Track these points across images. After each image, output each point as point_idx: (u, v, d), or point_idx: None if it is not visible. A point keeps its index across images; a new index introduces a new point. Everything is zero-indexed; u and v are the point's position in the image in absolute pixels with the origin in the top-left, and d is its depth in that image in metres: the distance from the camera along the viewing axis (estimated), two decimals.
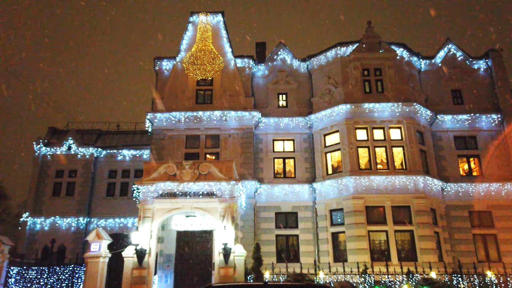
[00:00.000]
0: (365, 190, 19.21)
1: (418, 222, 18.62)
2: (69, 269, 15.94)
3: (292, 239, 20.61)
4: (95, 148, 26.47)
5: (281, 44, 24.30)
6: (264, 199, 20.91)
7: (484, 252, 20.04)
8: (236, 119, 21.46)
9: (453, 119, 22.08)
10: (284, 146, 22.37)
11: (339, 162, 20.79)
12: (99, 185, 26.07)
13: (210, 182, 16.59)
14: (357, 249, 18.25)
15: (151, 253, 15.90)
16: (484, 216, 20.65)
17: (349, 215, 19.04)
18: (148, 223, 16.19)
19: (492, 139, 21.98)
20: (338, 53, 22.25)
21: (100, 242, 15.82)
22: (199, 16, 23.64)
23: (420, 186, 19.22)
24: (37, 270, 15.96)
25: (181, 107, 21.80)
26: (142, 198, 16.59)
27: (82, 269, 15.92)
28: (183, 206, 16.65)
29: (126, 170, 26.45)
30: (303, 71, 23.66)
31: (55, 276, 15.78)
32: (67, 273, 15.84)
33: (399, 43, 22.52)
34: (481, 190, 20.78)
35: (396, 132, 20.64)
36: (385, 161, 20.16)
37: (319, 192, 20.69)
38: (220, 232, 15.86)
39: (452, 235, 20.11)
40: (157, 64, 23.38)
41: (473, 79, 23.24)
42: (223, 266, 15.37)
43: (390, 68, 21.53)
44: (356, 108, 20.60)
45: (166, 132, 21.54)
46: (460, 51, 23.85)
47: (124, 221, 25.03)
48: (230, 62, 22.87)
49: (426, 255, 17.89)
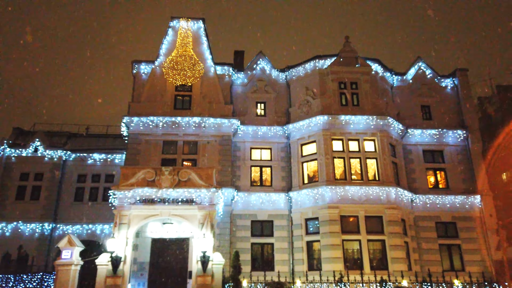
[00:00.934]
0: (340, 200, 19.68)
1: (389, 232, 19.26)
2: (38, 277, 15.19)
3: (267, 247, 20.68)
4: (64, 151, 25.46)
5: (261, 54, 24.59)
6: (241, 207, 20.90)
7: (449, 262, 20.99)
8: (215, 126, 21.40)
9: (422, 134, 23.14)
10: (261, 155, 22.53)
11: (315, 171, 21.19)
12: (66, 190, 25.03)
13: (190, 189, 16.41)
14: (331, 257, 18.59)
15: (127, 261, 15.46)
16: (449, 227, 21.69)
17: (324, 224, 19.39)
18: (124, 230, 15.75)
19: (458, 154, 23.21)
20: (317, 65, 22.81)
21: (72, 249, 15.21)
22: (180, 22, 23.52)
23: (392, 197, 19.93)
24: (1, 278, 15.06)
25: (159, 112, 21.48)
26: (118, 204, 16.14)
27: (51, 277, 15.21)
28: (161, 213, 16.35)
29: (97, 175, 25.60)
30: (281, 81, 24.03)
31: (22, 285, 14.97)
32: (35, 282, 15.09)
33: (374, 58, 23.42)
34: (447, 202, 21.82)
35: (370, 144, 21.34)
36: (359, 172, 20.77)
37: (295, 201, 20.96)
38: (199, 240, 15.69)
39: (420, 244, 20.95)
40: (135, 68, 22.96)
41: (441, 96, 24.52)
42: (201, 275, 15.19)
43: (365, 83, 22.31)
44: (333, 120, 21.14)
45: (143, 137, 21.12)
46: (429, 69, 25.11)
47: (93, 227, 24.14)
48: (210, 69, 22.86)
49: (397, 264, 18.52)
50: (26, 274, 15.24)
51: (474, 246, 21.12)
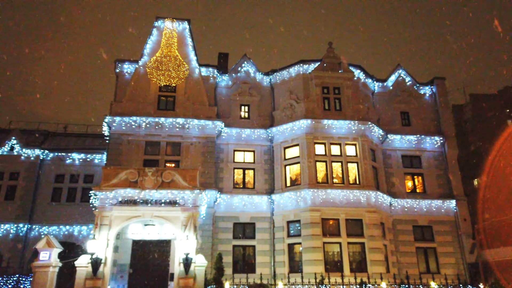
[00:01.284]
0: (322, 203, 19.95)
1: (369, 235, 19.66)
2: (14, 279, 14.72)
3: (249, 249, 20.74)
4: (42, 150, 24.79)
5: (245, 57, 24.70)
6: (223, 209, 20.89)
7: (425, 264, 21.58)
8: (199, 128, 21.34)
9: (402, 139, 23.76)
10: (244, 157, 22.60)
11: (297, 175, 21.42)
12: (43, 190, 24.34)
13: (174, 190, 16.31)
14: (312, 260, 18.81)
15: (107, 263, 15.21)
16: (426, 231, 22.31)
17: (306, 227, 19.62)
18: (105, 231, 15.49)
19: (435, 160, 23.93)
20: (301, 70, 23.10)
21: (51, 251, 14.85)
22: (165, 22, 23.35)
23: (372, 201, 20.36)
24: None
25: (142, 112, 21.25)
26: (100, 205, 15.86)
27: (28, 279, 14.78)
28: (144, 214, 16.18)
29: (75, 175, 25.01)
30: (265, 84, 24.20)
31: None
32: (11, 284, 14.61)
33: (357, 65, 23.92)
34: (423, 206, 22.45)
35: (351, 149, 21.75)
36: (340, 176, 21.13)
37: (277, 203, 21.12)
38: (182, 242, 15.60)
39: (398, 247, 21.46)
40: (118, 67, 22.64)
41: (420, 103, 25.25)
42: (183, 277, 15.10)
43: (348, 88, 22.75)
44: (316, 124, 21.44)
45: (125, 137, 20.83)
46: (409, 76, 25.83)
47: (70, 228, 23.55)
48: (195, 70, 22.79)
49: (376, 267, 18.91)
50: (1, 276, 14.74)
51: (449, 250, 21.80)
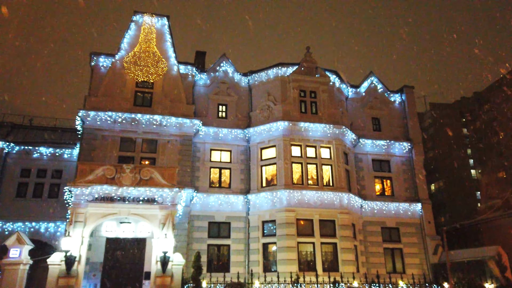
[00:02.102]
0: (297, 203, 20.38)
1: (341, 235, 20.31)
2: None
3: (223, 248, 20.82)
4: (7, 143, 23.63)
5: (224, 56, 24.75)
6: (199, 208, 20.85)
7: (392, 264, 22.55)
8: (176, 126, 21.17)
9: (372, 144, 24.68)
10: (221, 157, 22.65)
11: (273, 175, 21.74)
12: (8, 184, 23.21)
13: (152, 188, 16.13)
14: (287, 259, 19.17)
15: (81, 261, 14.83)
16: (393, 232, 23.32)
17: (281, 227, 19.97)
18: (79, 228, 15.08)
19: (403, 164, 25.05)
20: (279, 72, 23.47)
21: (21, 248, 14.31)
22: (144, 17, 22.98)
23: (344, 203, 21.04)
24: None
25: (117, 108, 20.79)
26: (74, 201, 15.42)
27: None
28: (120, 211, 15.89)
29: (43, 170, 24.02)
30: (243, 85, 24.36)
31: None
32: None
33: (333, 70, 24.61)
34: (391, 209, 23.46)
35: (326, 152, 22.36)
36: (315, 178, 21.67)
37: (253, 203, 21.33)
38: (159, 240, 15.48)
39: (367, 248, 22.28)
40: (93, 60, 22.02)
41: (390, 110, 26.34)
42: (161, 275, 14.99)
43: (324, 92, 23.36)
44: (293, 126, 21.86)
45: (99, 132, 20.29)
46: (380, 83, 26.88)
47: (37, 225, 22.61)
48: (173, 67, 22.58)
49: (347, 266, 19.56)
50: None
51: (414, 250, 22.90)
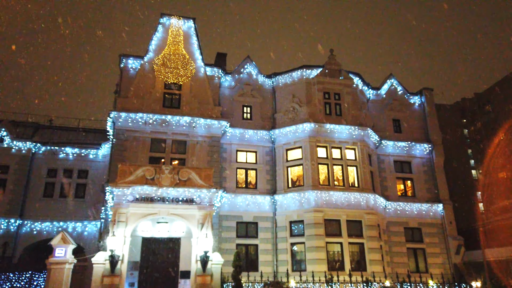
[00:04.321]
0: (325, 204, 20.70)
1: (368, 235, 20.63)
2: (26, 276, 14.28)
3: (251, 248, 21.11)
4: (34, 143, 23.90)
5: (248, 58, 25.04)
6: (227, 208, 21.14)
7: (415, 264, 22.92)
8: (205, 127, 21.45)
9: (394, 145, 25.02)
10: (247, 157, 22.94)
11: (299, 176, 22.05)
12: (35, 184, 23.52)
13: (191, 188, 16.42)
14: (316, 259, 19.49)
15: (124, 260, 15.10)
16: (416, 232, 23.67)
17: (309, 227, 20.28)
18: (122, 228, 15.37)
19: (423, 166, 25.40)
20: (304, 75, 23.77)
21: (66, 247, 14.55)
22: (171, 19, 23.25)
23: (371, 203, 21.37)
24: None
25: (147, 109, 21.07)
26: (116, 201, 15.70)
27: (41, 276, 14.39)
28: (160, 212, 16.18)
29: (69, 170, 24.34)
30: (267, 87, 24.66)
31: (8, 284, 13.99)
32: (24, 281, 14.17)
33: (356, 72, 24.93)
34: (414, 209, 23.80)
35: (351, 153, 22.68)
36: (340, 178, 21.98)
37: (280, 203, 21.64)
38: (199, 240, 15.78)
39: (391, 248, 22.63)
40: (122, 62, 22.27)
41: (410, 112, 26.68)
42: (201, 274, 15.29)
43: (348, 94, 23.68)
44: (319, 128, 22.18)
45: (130, 133, 20.57)
46: (400, 86, 27.22)
47: (64, 225, 22.93)
48: (200, 69, 22.87)
49: (374, 266, 19.90)
50: (13, 273, 14.25)
51: (437, 250, 23.26)
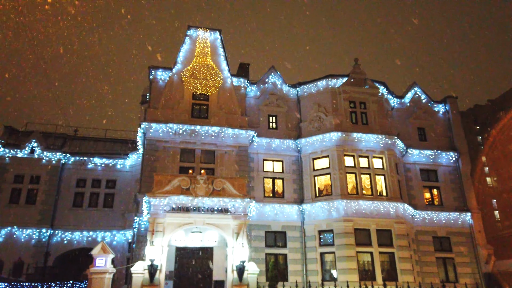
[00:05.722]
0: (354, 213, 20.65)
1: (398, 245, 20.49)
2: (68, 285, 14.50)
3: (280, 258, 21.09)
4: (63, 154, 24.39)
5: (273, 69, 25.29)
6: (255, 218, 21.16)
7: (444, 274, 22.64)
8: (233, 137, 21.66)
9: (420, 154, 24.91)
10: (273, 167, 23.05)
11: (326, 185, 22.07)
12: (65, 194, 24.00)
13: (225, 198, 16.57)
14: (347, 269, 19.42)
15: (162, 270, 15.25)
16: (444, 242, 23.43)
17: (339, 236, 20.23)
18: (159, 238, 15.55)
19: (450, 174, 25.21)
20: (329, 84, 23.92)
21: (106, 257, 14.73)
22: (197, 31, 23.66)
23: (400, 212, 21.27)
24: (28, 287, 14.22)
25: (177, 120, 21.37)
26: (153, 211, 15.91)
27: (82, 285, 14.60)
28: (195, 221, 16.34)
29: (97, 180, 24.78)
30: (292, 96, 24.84)
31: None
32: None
33: (380, 81, 24.99)
34: (442, 218, 23.59)
35: (378, 162, 22.65)
36: (368, 187, 21.94)
37: (308, 213, 21.65)
38: (234, 249, 15.87)
39: (420, 257, 22.41)
40: (151, 73, 22.69)
41: (434, 120, 26.58)
42: (238, 284, 15.34)
43: (373, 103, 23.74)
44: (346, 137, 22.23)
45: (160, 143, 20.85)
46: (424, 94, 27.17)
47: (93, 234, 23.29)
48: (227, 80, 23.17)
49: (405, 276, 19.74)
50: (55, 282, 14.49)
51: (466, 260, 22.96)
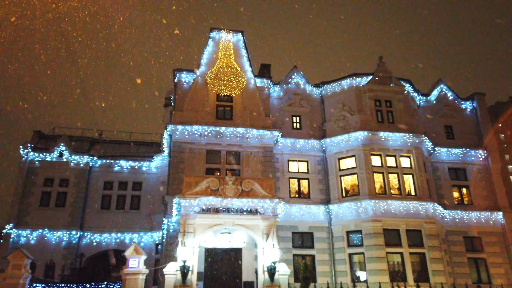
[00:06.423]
0: (383, 213, 20.33)
1: (429, 245, 20.06)
2: (102, 286, 14.70)
3: (308, 259, 20.90)
4: (90, 157, 24.81)
5: (295, 69, 25.18)
6: (282, 218, 20.95)
7: (476, 274, 22.06)
8: (258, 138, 21.63)
9: (448, 152, 24.39)
10: (298, 167, 22.91)
11: (353, 185, 21.80)
12: (92, 197, 24.38)
13: (254, 199, 16.53)
14: (377, 270, 19.11)
15: (194, 270, 15.29)
16: (476, 242, 22.84)
17: (368, 237, 19.94)
18: (190, 239, 15.62)
19: (479, 172, 24.57)
20: (353, 83, 23.66)
21: (139, 258, 14.89)
22: (220, 33, 23.75)
23: (430, 212, 20.83)
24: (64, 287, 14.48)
25: (202, 121, 21.48)
26: (183, 213, 15.99)
27: (116, 286, 14.77)
28: (225, 222, 16.35)
29: (124, 182, 25.10)
30: (315, 96, 24.67)
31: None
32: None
33: (406, 79, 24.58)
34: (473, 218, 23.01)
35: (406, 161, 22.24)
36: (396, 187, 21.57)
37: (335, 213, 21.42)
38: (265, 250, 15.80)
39: (451, 258, 21.89)
40: (176, 76, 22.88)
41: (462, 117, 25.99)
42: (269, 285, 15.26)
43: (399, 101, 23.36)
44: (372, 136, 21.93)
45: (187, 145, 20.96)
46: (450, 91, 26.60)
47: (121, 236, 23.58)
48: (250, 81, 23.17)
49: (438, 277, 19.30)
50: (89, 283, 14.71)
51: (499, 260, 22.32)
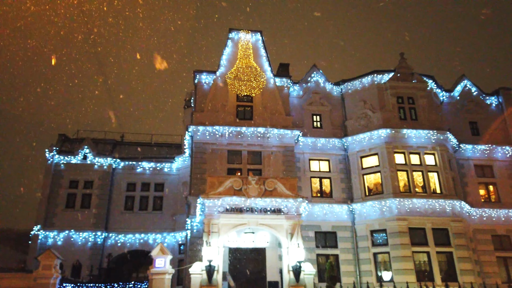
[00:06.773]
0: (408, 212, 19.98)
1: (456, 244, 19.60)
2: (129, 286, 14.89)
3: (331, 258, 20.69)
4: (113, 159, 25.22)
5: (315, 67, 25.02)
6: (305, 218, 20.71)
7: (506, 274, 21.44)
8: (278, 137, 21.57)
9: (473, 149, 23.79)
10: (320, 166, 22.74)
11: (376, 184, 21.49)
12: (116, 198, 24.78)
13: (277, 198, 16.47)
14: (403, 269, 18.77)
15: (219, 270, 15.34)
16: (505, 240, 22.20)
17: (393, 236, 19.62)
18: (215, 239, 15.67)
19: (507, 169, 23.88)
20: (375, 80, 23.34)
21: (165, 258, 15.02)
22: (239, 33, 23.81)
23: (457, 210, 20.36)
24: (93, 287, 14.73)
25: (223, 122, 21.56)
26: (208, 213, 16.06)
27: (143, 286, 14.95)
28: (249, 222, 16.34)
29: (146, 183, 25.40)
30: (336, 94, 24.45)
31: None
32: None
33: (428, 75, 24.12)
34: (501, 216, 22.37)
35: (430, 158, 21.81)
36: (421, 185, 21.16)
37: (359, 212, 21.16)
38: (290, 250, 15.72)
39: (479, 257, 21.33)
40: (196, 77, 23.04)
41: (487, 113, 25.31)
42: (294, 285, 15.17)
43: (422, 98, 22.92)
44: (395, 133, 21.58)
45: (208, 146, 21.08)
46: (474, 86, 25.96)
47: (145, 236, 23.87)
48: (270, 80, 23.14)
49: (466, 276, 18.83)
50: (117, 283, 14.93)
51: None
